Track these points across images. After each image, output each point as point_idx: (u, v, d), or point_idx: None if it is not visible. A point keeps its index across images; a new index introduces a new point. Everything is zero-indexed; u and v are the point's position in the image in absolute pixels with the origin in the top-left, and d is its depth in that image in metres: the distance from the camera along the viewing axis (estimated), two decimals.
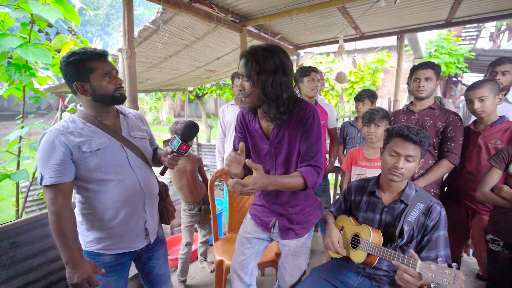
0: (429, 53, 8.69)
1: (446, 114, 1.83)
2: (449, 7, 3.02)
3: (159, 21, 2.69)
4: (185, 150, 1.24)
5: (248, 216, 1.52)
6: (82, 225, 1.21)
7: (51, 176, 1.05)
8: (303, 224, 1.38)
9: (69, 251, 1.06)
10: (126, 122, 1.29)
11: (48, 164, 1.06)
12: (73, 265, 1.07)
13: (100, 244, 1.21)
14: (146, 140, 1.37)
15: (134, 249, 1.29)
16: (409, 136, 1.26)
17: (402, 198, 1.33)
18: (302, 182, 1.19)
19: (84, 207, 1.19)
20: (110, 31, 21.15)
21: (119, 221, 1.20)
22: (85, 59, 1.09)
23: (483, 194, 1.47)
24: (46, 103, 17.23)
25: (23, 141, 2.31)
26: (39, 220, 1.57)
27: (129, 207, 1.22)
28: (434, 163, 1.84)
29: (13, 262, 1.48)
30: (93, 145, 1.12)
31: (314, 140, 1.22)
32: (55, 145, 1.07)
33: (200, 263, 2.56)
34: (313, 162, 1.22)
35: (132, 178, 1.22)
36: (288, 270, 1.44)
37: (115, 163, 1.18)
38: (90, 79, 1.11)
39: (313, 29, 3.71)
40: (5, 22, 2.10)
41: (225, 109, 2.66)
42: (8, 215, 4.49)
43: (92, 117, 1.18)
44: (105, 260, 1.23)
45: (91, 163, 1.12)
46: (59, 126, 1.12)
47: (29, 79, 2.20)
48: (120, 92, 1.18)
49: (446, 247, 1.25)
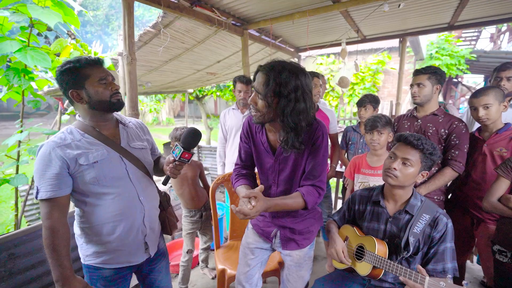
0: (430, 55, 8.68)
1: (450, 121, 1.78)
2: (453, 10, 3.00)
3: (159, 25, 2.66)
4: (188, 159, 1.19)
5: (249, 226, 1.50)
6: (81, 238, 1.18)
7: (47, 190, 1.03)
8: (305, 234, 1.36)
9: (60, 268, 1.02)
10: (125, 132, 1.25)
11: (44, 178, 1.03)
12: (63, 283, 1.02)
13: (99, 258, 1.18)
14: (147, 150, 1.33)
15: (134, 264, 1.25)
16: (408, 139, 1.26)
17: (407, 208, 1.31)
18: (302, 204, 1.18)
19: (82, 220, 1.16)
20: (109, 32, 21.11)
21: (117, 235, 1.17)
22: (79, 66, 1.08)
23: (490, 204, 1.44)
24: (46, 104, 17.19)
25: (22, 145, 2.28)
26: (38, 231, 1.54)
27: (128, 221, 1.18)
28: (437, 170, 1.81)
29: (12, 273, 1.45)
30: (91, 157, 1.09)
31: (320, 159, 1.20)
32: (51, 158, 1.04)
33: (201, 269, 2.53)
34: (316, 183, 1.21)
35: (131, 191, 1.19)
36: (292, 282, 1.41)
37: (114, 175, 1.15)
38: (85, 85, 1.09)
39: (315, 32, 3.69)
40: (4, 26, 2.07)
41: (227, 113, 2.63)
42: (7, 218, 4.46)
43: (91, 128, 1.15)
44: (105, 274, 1.20)
45: (87, 176, 1.09)
46: (56, 138, 1.09)
47: (28, 83, 2.18)
48: (117, 98, 1.15)
49: (453, 259, 1.22)
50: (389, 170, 1.28)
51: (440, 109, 1.87)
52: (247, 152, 1.36)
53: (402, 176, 1.26)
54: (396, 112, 4.26)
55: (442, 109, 1.87)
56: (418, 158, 1.25)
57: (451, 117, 1.81)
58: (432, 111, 1.86)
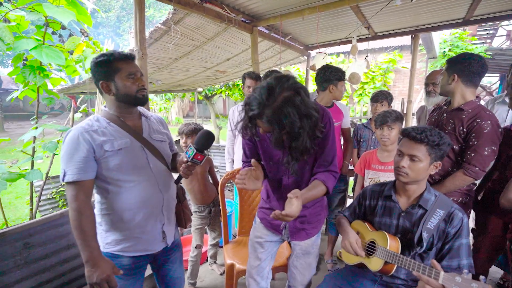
0: (443, 53, 8.47)
1: (473, 117, 1.53)
2: (468, 4, 2.91)
3: (170, 22, 2.69)
4: (200, 160, 1.20)
5: (257, 220, 1.51)
6: (101, 225, 1.22)
7: (74, 173, 1.07)
8: (314, 223, 1.39)
9: (88, 249, 1.06)
10: (147, 124, 1.31)
11: (72, 161, 1.08)
12: (93, 263, 1.06)
13: (119, 245, 1.22)
14: (166, 143, 1.38)
15: (151, 252, 1.29)
16: (411, 134, 1.23)
17: (420, 203, 1.28)
18: (325, 191, 1.22)
19: (103, 207, 1.20)
20: (121, 33, 21.49)
21: (137, 222, 1.21)
22: (112, 59, 1.14)
23: (508, 200, 1.39)
24: (59, 104, 17.66)
25: (37, 142, 2.34)
26: (52, 221, 1.58)
27: (148, 209, 1.22)
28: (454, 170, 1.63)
29: (27, 262, 1.50)
30: (115, 144, 1.14)
31: (330, 145, 1.22)
32: (80, 142, 1.09)
33: (209, 265, 2.54)
34: (330, 167, 1.23)
35: (151, 180, 1.23)
36: (300, 269, 1.44)
37: (135, 164, 1.19)
38: (115, 78, 1.15)
39: (325, 29, 3.65)
40: (20, 25, 2.14)
41: (235, 109, 2.63)
42: (23, 213, 4.59)
43: (116, 117, 1.20)
44: (123, 263, 1.23)
45: (112, 163, 1.13)
46: (84, 124, 1.15)
47: (43, 80, 2.24)
48: (142, 93, 1.20)
49: (469, 256, 1.18)
50: (399, 169, 1.26)
51: (470, 103, 1.59)
52: (251, 149, 1.37)
53: (413, 173, 1.24)
54: (408, 110, 4.17)
55: (473, 103, 1.59)
56: (425, 152, 1.21)
57: (477, 113, 1.53)
58: (459, 105, 1.62)
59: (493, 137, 1.49)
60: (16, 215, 4.60)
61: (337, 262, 2.56)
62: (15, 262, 1.47)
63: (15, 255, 1.47)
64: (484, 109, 1.56)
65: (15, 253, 1.47)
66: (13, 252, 1.48)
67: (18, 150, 2.41)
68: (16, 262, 1.46)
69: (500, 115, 2.19)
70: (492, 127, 1.50)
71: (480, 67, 1.53)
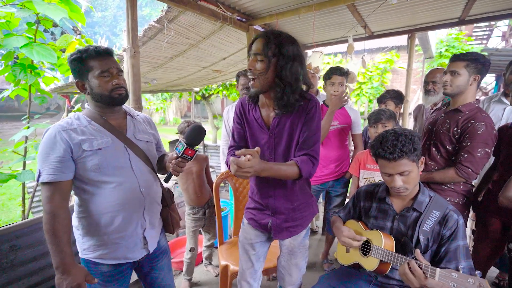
0: (440, 53, 8.51)
1: (467, 119, 1.53)
2: (464, 4, 2.91)
3: (164, 20, 2.65)
4: (191, 156, 1.15)
5: (245, 221, 1.47)
6: (78, 230, 1.16)
7: (49, 173, 1.02)
8: (298, 220, 1.35)
9: (60, 254, 1.00)
10: (132, 123, 1.26)
11: (48, 161, 1.03)
12: (63, 270, 1.00)
13: (96, 252, 1.15)
14: (152, 144, 1.33)
15: (131, 260, 1.22)
16: (385, 156, 1.17)
17: (414, 206, 1.25)
18: (297, 172, 1.17)
19: (81, 210, 1.14)
20: (118, 32, 21.38)
21: (115, 227, 1.14)
22: (85, 57, 1.09)
23: (507, 198, 1.37)
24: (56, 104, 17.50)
25: (29, 142, 2.30)
26: (39, 223, 1.54)
27: (127, 212, 1.16)
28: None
29: (13, 265, 1.45)
30: (95, 144, 1.09)
31: (314, 130, 1.22)
32: (56, 141, 1.04)
33: (204, 266, 2.51)
34: (310, 152, 1.21)
35: (132, 182, 1.17)
36: (287, 268, 1.42)
37: (116, 164, 1.14)
38: (88, 77, 1.10)
39: (321, 28, 3.63)
40: (11, 22, 2.09)
41: (230, 109, 2.60)
42: (15, 215, 4.53)
43: (98, 116, 1.15)
44: (103, 270, 1.17)
45: (90, 163, 1.08)
46: (63, 122, 1.10)
47: (34, 79, 2.20)
48: (118, 92, 1.13)
49: (468, 258, 1.15)
50: (395, 189, 1.21)
51: (468, 105, 1.58)
52: (240, 133, 1.35)
53: (410, 184, 1.21)
54: (404, 109, 4.17)
55: (471, 105, 1.58)
56: (409, 162, 1.17)
57: (473, 115, 1.54)
58: (458, 106, 1.60)
59: (486, 139, 1.49)
60: (8, 216, 4.53)
61: (333, 263, 2.54)
62: (0, 266, 1.42)
63: (1, 258, 1.42)
64: (481, 111, 1.55)
65: (1, 256, 1.42)
66: None
67: (10, 150, 2.37)
68: (1, 265, 1.42)
69: (496, 114, 2.19)
70: (486, 129, 1.49)
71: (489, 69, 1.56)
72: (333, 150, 2.24)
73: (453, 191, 1.65)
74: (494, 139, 1.52)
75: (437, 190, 1.67)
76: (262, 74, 1.14)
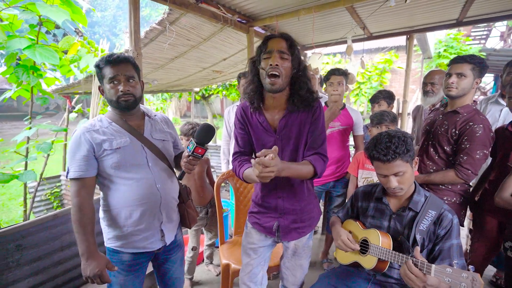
0: (438, 53, 8.55)
1: (465, 121, 1.55)
2: (461, 6, 2.94)
3: (165, 22, 2.68)
4: (201, 154, 1.21)
5: (248, 225, 1.47)
6: (104, 221, 1.26)
7: (75, 170, 1.14)
8: (306, 221, 1.37)
9: (85, 243, 1.11)
10: (150, 124, 1.33)
11: (74, 159, 1.15)
12: (87, 257, 1.11)
13: (118, 241, 1.25)
14: (169, 142, 1.40)
15: (149, 250, 1.30)
16: (380, 158, 1.20)
17: (410, 205, 1.28)
18: (312, 170, 1.20)
19: (104, 203, 1.25)
20: (117, 32, 21.36)
21: (134, 220, 1.23)
22: (101, 64, 1.19)
23: (502, 199, 1.40)
24: (55, 104, 17.49)
25: (30, 142, 2.32)
26: (45, 223, 1.57)
27: (145, 207, 1.24)
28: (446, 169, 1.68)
29: (19, 264, 1.48)
30: (114, 143, 1.18)
31: (320, 130, 1.25)
32: (81, 141, 1.16)
33: (206, 265, 2.54)
34: (320, 150, 1.24)
35: (148, 178, 1.25)
36: (291, 269, 1.44)
37: (134, 162, 1.22)
38: (103, 82, 1.21)
39: (321, 29, 3.66)
40: (13, 24, 2.12)
41: (231, 110, 2.63)
42: (16, 215, 4.54)
43: (118, 117, 1.25)
44: (124, 258, 1.27)
45: (110, 161, 1.18)
46: (88, 124, 1.21)
47: (36, 80, 2.22)
48: (124, 99, 1.19)
49: (461, 256, 1.19)
50: (391, 189, 1.25)
51: (466, 106, 1.61)
52: (244, 138, 1.36)
53: (406, 184, 1.23)
54: (403, 110, 4.20)
55: (469, 107, 1.61)
56: (403, 162, 1.20)
57: (471, 117, 1.56)
58: (456, 107, 1.63)
59: (484, 141, 1.52)
60: (9, 216, 4.55)
61: (333, 262, 2.57)
62: (6, 265, 1.45)
63: (7, 257, 1.45)
64: (479, 113, 1.59)
65: (6, 255, 1.45)
66: (4, 254, 1.46)
67: (11, 150, 2.39)
68: (7, 264, 1.45)
69: (493, 115, 2.21)
70: (484, 131, 1.52)
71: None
72: (335, 151, 2.26)
73: (450, 190, 1.68)
74: (491, 141, 1.55)
75: (435, 189, 1.70)
76: (287, 75, 1.19)
